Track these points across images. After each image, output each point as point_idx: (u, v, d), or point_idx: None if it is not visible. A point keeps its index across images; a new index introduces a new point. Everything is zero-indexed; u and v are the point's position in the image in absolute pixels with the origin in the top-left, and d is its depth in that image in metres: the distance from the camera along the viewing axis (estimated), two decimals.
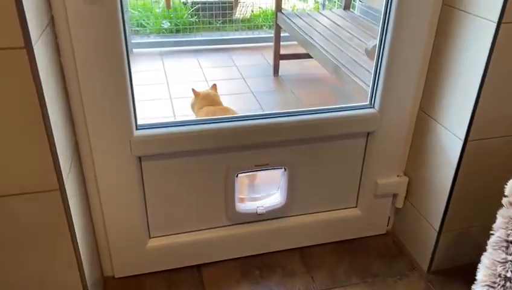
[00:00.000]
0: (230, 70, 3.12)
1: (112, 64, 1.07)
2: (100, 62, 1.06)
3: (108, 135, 1.15)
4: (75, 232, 1.04)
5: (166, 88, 2.81)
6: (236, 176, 1.33)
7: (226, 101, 2.15)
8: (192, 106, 2.05)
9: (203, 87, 2.76)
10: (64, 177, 0.97)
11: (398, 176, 1.47)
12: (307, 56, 2.77)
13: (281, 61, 2.99)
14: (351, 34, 2.42)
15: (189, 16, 3.82)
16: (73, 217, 1.03)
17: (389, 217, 1.57)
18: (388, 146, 1.40)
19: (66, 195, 0.99)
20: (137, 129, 1.20)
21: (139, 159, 1.24)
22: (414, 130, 1.41)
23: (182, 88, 2.82)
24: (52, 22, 1.00)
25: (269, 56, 3.16)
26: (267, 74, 3.06)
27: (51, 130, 0.91)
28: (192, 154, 1.27)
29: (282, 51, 2.97)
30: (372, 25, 2.59)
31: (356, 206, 1.53)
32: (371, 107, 1.36)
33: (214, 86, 2.14)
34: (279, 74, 3.02)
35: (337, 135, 1.36)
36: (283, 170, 1.38)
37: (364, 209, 1.51)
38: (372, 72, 1.33)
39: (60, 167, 0.95)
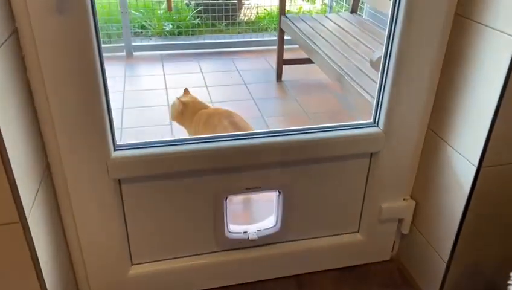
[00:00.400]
0: (232, 75, 3.01)
1: (85, 79, 0.97)
2: (71, 77, 0.96)
3: (82, 156, 1.05)
4: (40, 267, 0.93)
5: (164, 93, 2.71)
6: (226, 199, 1.22)
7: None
8: (178, 116, 1.94)
9: (204, 93, 2.66)
10: (26, 208, 0.87)
11: (404, 199, 1.35)
12: (311, 61, 2.65)
13: (284, 66, 2.87)
14: (358, 39, 2.29)
15: (192, 18, 3.72)
16: (39, 249, 0.93)
17: (394, 242, 1.45)
18: (393, 168, 1.28)
19: (29, 227, 0.88)
20: (115, 150, 1.09)
21: (119, 181, 1.13)
22: (422, 151, 1.28)
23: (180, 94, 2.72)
24: (16, 34, 0.89)
25: (273, 60, 3.05)
26: (269, 79, 2.94)
27: (7, 156, 0.80)
28: (177, 176, 1.16)
29: (287, 55, 2.86)
30: (381, 30, 2.46)
31: (358, 231, 1.41)
32: (374, 126, 1.24)
33: (187, 91, 2.04)
34: (282, 79, 2.90)
35: (337, 156, 1.24)
36: (277, 193, 1.27)
37: (367, 235, 1.39)
38: (377, 87, 1.21)
39: (20, 197, 0.84)
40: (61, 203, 1.10)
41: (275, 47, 2.92)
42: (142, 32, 3.61)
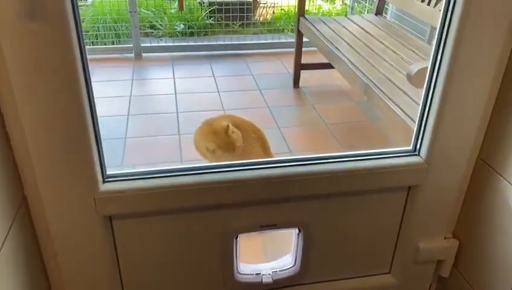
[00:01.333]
0: (246, 80, 2.82)
1: (65, 98, 0.79)
2: (48, 96, 0.78)
3: (65, 190, 0.88)
4: None
5: (173, 99, 2.54)
6: (236, 237, 1.04)
7: None
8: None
9: (215, 99, 2.49)
10: None
11: (445, 238, 1.15)
12: (331, 66, 2.46)
13: (302, 71, 2.68)
14: (385, 45, 2.08)
15: (205, 18, 3.54)
16: None
17: (430, 284, 1.25)
18: (435, 202, 1.08)
19: None
20: (104, 182, 0.92)
21: (109, 218, 0.95)
22: (470, 183, 1.08)
23: (190, 100, 2.55)
24: None
25: (290, 64, 2.85)
26: (286, 85, 2.75)
27: None
28: (178, 211, 0.98)
29: (305, 59, 2.66)
30: (410, 35, 2.25)
31: (389, 272, 1.21)
32: (415, 154, 1.04)
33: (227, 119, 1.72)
34: (300, 85, 2.71)
35: (369, 190, 1.05)
36: (297, 230, 1.08)
37: (400, 277, 1.19)
38: (420, 107, 1.01)
39: None
40: (42, 245, 0.93)
41: (292, 50, 2.72)
42: (152, 32, 3.45)
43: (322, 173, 1.00)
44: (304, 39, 2.62)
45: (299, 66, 2.66)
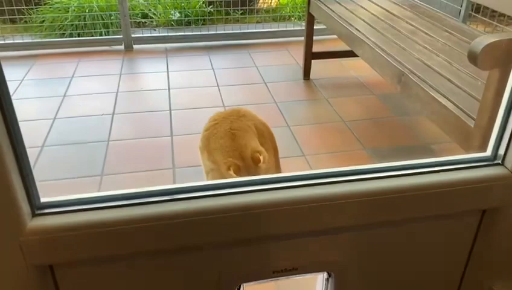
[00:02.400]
0: (249, 73, 2.51)
1: None
2: None
3: None
4: None
5: (166, 95, 2.23)
6: (239, 288, 0.73)
7: None
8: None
9: (215, 95, 2.19)
10: None
11: None
12: (346, 54, 2.15)
13: (313, 61, 2.36)
14: (414, 26, 1.76)
15: (204, 5, 3.23)
16: None
17: None
18: None
19: None
20: (35, 214, 0.61)
21: (50, 268, 0.64)
22: None
23: (186, 96, 2.24)
24: None
25: (298, 54, 2.55)
26: (295, 77, 2.44)
27: None
28: (154, 254, 0.67)
29: (315, 48, 2.34)
30: (441, 15, 1.92)
31: None
32: (496, 164, 0.73)
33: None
34: (311, 77, 2.40)
35: (426, 216, 0.74)
36: (325, 275, 0.76)
37: None
38: (504, 98, 0.69)
39: None
40: None
41: (300, 38, 2.43)
42: (144, 22, 3.14)
43: (359, 194, 0.69)
44: (314, 27, 2.30)
45: (310, 56, 2.34)
